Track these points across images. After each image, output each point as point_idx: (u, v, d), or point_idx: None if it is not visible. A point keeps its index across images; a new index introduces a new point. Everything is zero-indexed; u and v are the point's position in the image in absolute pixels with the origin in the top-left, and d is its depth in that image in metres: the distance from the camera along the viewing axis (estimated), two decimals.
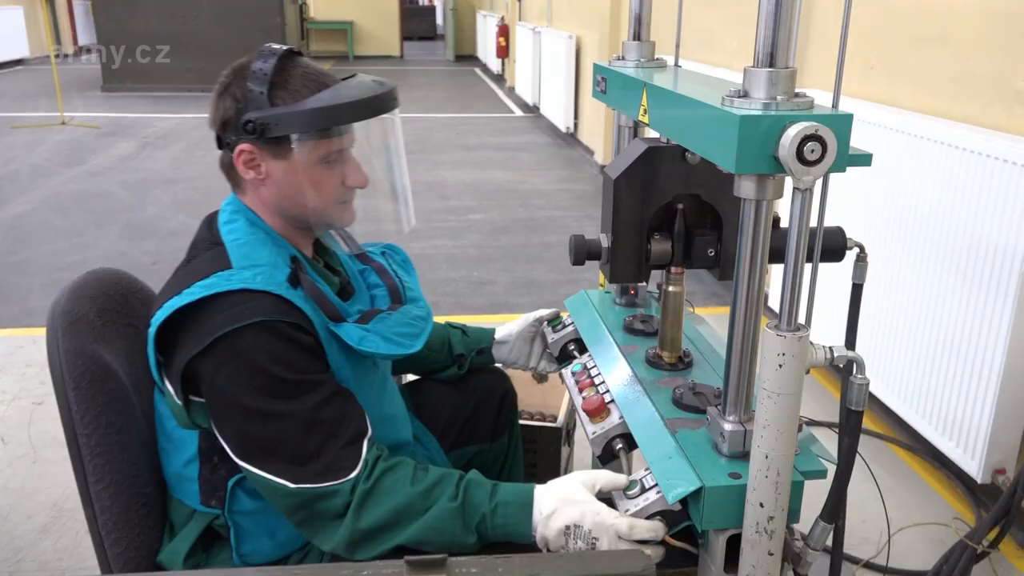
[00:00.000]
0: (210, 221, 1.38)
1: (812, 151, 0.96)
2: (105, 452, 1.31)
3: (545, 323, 1.79)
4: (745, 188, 1.04)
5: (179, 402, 1.27)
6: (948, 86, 2.51)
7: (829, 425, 2.71)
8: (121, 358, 1.38)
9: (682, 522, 1.17)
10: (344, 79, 1.34)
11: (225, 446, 1.26)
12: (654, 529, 1.15)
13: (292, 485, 1.21)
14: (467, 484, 1.24)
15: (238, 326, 1.20)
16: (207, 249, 1.33)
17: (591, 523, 1.16)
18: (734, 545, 1.14)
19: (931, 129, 2.35)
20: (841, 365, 1.11)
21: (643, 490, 1.20)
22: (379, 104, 1.31)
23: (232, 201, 1.37)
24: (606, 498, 1.23)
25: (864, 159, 1.07)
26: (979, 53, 2.38)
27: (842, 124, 0.98)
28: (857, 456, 1.17)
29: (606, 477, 1.23)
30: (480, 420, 1.76)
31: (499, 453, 1.81)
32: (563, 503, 1.19)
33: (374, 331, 1.33)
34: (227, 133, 1.30)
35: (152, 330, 1.25)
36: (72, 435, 1.31)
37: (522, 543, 1.22)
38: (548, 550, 1.18)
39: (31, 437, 2.70)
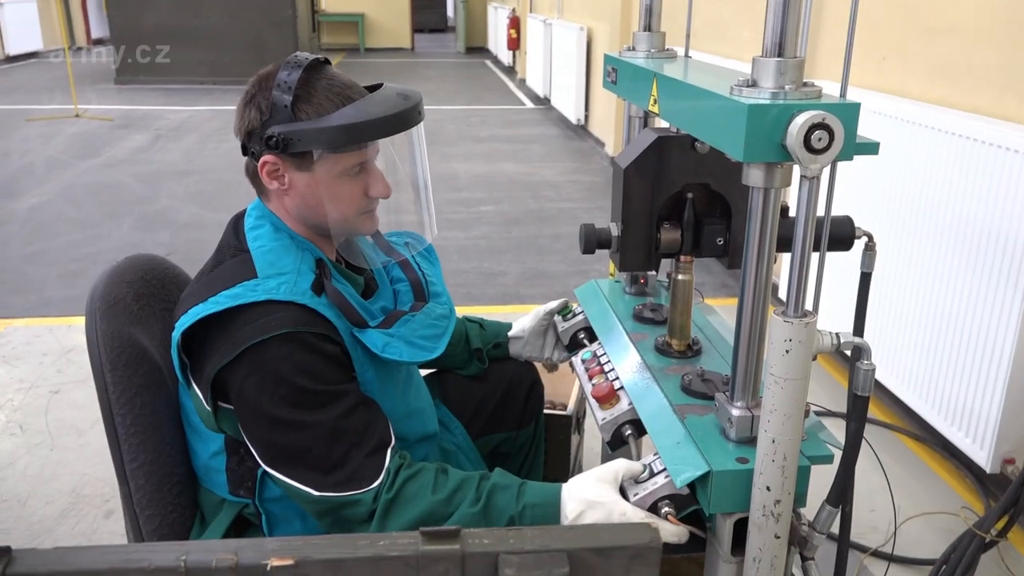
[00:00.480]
0: (236, 224, 1.39)
1: (819, 139, 0.97)
2: (140, 432, 1.35)
3: (555, 313, 1.81)
4: (753, 176, 1.06)
5: (208, 408, 1.29)
6: (959, 77, 2.51)
7: (843, 416, 2.71)
8: (156, 342, 1.42)
9: (690, 506, 1.19)
10: (370, 90, 1.32)
11: (252, 451, 1.29)
12: (678, 534, 1.16)
13: (316, 493, 1.23)
14: (491, 488, 1.24)
15: (264, 338, 1.21)
16: (233, 256, 1.34)
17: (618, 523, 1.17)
18: (741, 528, 1.16)
19: (942, 119, 2.35)
20: (848, 351, 1.12)
21: (652, 474, 1.22)
22: (402, 120, 1.29)
23: (258, 206, 1.38)
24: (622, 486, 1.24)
25: (871, 147, 1.08)
26: (990, 44, 2.37)
27: (849, 113, 0.99)
28: (865, 445, 1.18)
29: (625, 467, 1.24)
30: (508, 409, 1.78)
31: (524, 441, 1.83)
32: (588, 505, 1.19)
33: (397, 336, 1.34)
34: (251, 143, 1.30)
35: (176, 334, 1.27)
36: (109, 415, 1.35)
37: None
38: None
39: (48, 425, 2.74)
